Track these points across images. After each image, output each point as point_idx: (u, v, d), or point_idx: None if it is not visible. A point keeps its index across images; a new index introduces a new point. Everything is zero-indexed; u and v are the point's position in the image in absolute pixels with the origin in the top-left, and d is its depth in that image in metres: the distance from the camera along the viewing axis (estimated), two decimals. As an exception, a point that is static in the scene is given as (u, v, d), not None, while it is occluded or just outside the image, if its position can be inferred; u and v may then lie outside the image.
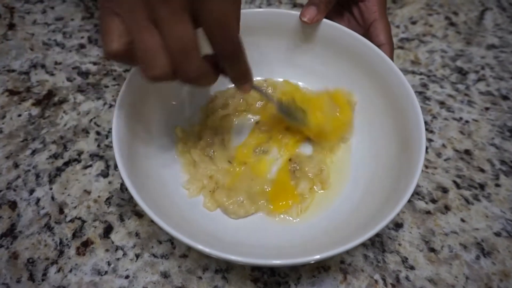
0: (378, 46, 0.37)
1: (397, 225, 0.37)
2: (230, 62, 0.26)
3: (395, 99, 0.35)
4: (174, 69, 0.23)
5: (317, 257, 0.26)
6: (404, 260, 0.35)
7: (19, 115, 0.42)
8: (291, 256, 0.27)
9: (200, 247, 0.26)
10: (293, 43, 0.41)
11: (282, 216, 0.35)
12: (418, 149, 0.31)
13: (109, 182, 0.38)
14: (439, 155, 0.42)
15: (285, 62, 0.42)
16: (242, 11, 0.26)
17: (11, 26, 0.51)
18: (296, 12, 0.38)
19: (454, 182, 0.40)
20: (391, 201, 0.30)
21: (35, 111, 0.43)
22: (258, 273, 0.33)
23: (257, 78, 0.43)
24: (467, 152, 0.42)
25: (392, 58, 0.36)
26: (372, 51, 0.36)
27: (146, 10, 0.22)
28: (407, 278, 0.34)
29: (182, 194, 0.36)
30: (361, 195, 0.35)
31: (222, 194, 0.34)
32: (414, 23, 0.54)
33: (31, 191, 0.37)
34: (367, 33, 0.38)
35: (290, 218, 0.35)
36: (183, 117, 0.40)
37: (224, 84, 0.41)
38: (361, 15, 0.40)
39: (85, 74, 0.46)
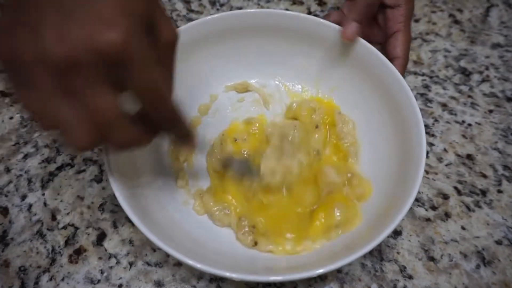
0: (393, 57, 0.37)
1: (396, 232, 0.36)
2: (168, 127, 0.25)
3: (394, 103, 0.34)
4: (101, 139, 0.21)
5: (319, 271, 0.26)
6: (403, 269, 0.34)
7: (11, 118, 0.42)
8: (287, 271, 0.26)
9: (191, 262, 0.25)
10: (288, 43, 0.39)
11: None
12: (418, 159, 0.30)
13: (103, 188, 0.38)
14: (440, 160, 0.41)
15: (281, 62, 0.41)
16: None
17: (3, 24, 0.49)
18: (292, 13, 0.37)
19: (455, 188, 0.39)
20: (391, 210, 0.29)
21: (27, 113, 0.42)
22: (253, 282, 0.33)
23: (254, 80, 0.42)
24: (469, 156, 0.41)
25: (403, 72, 0.36)
26: (373, 55, 0.35)
27: (61, 83, 0.19)
28: (405, 287, 0.33)
29: (176, 200, 0.35)
30: (359, 205, 0.34)
31: (210, 200, 0.34)
32: (417, 21, 0.52)
33: (23, 197, 0.37)
34: (386, 42, 0.37)
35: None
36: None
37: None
38: (385, 21, 0.39)
39: (78, 75, 0.45)
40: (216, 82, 0.41)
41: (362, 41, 0.36)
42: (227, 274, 0.25)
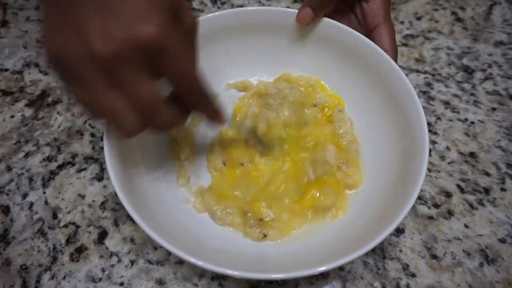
0: None
1: (398, 230, 0.36)
2: (200, 107, 0.27)
3: (396, 101, 0.34)
4: (146, 123, 0.24)
5: (320, 269, 0.25)
6: (405, 267, 0.34)
7: (12, 116, 0.42)
8: (289, 269, 0.26)
9: (192, 260, 0.25)
10: (290, 41, 0.39)
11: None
12: (421, 156, 0.30)
13: (104, 186, 0.37)
14: (443, 158, 0.40)
15: (283, 61, 0.41)
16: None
17: (4, 23, 0.49)
18: (293, 11, 0.37)
19: (458, 186, 0.38)
20: (393, 209, 0.29)
21: (28, 112, 0.42)
22: (255, 280, 0.33)
23: (254, 78, 0.42)
24: (472, 154, 0.40)
25: (395, 59, 0.35)
26: (375, 52, 0.35)
27: (107, 76, 0.21)
28: (407, 286, 0.33)
29: (177, 198, 0.35)
30: (361, 202, 0.34)
31: (211, 198, 0.34)
32: (419, 18, 0.52)
33: (24, 195, 0.37)
34: (369, 37, 0.36)
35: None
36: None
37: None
38: (363, 16, 0.38)
39: (79, 73, 0.45)
40: (217, 80, 0.41)
41: (364, 39, 0.35)
42: (229, 272, 0.25)
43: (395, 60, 0.35)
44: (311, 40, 0.38)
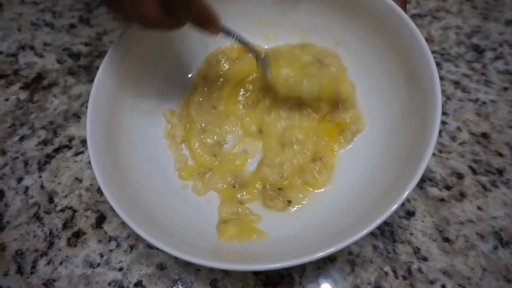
0: None
1: (409, 213, 0.34)
2: (186, 12, 0.25)
3: (407, 58, 0.32)
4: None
5: (320, 254, 0.24)
6: (416, 250, 0.32)
7: (7, 100, 0.40)
8: (289, 256, 0.24)
9: (186, 257, 0.24)
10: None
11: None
12: (431, 121, 0.27)
13: (102, 170, 0.36)
14: (453, 138, 0.39)
15: (283, 22, 0.39)
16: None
17: (-2, 6, 0.48)
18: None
19: (470, 167, 0.37)
20: (400, 183, 0.27)
21: (23, 95, 0.41)
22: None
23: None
24: (484, 135, 0.39)
25: (405, 10, 0.32)
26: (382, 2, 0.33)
27: None
28: (419, 270, 0.32)
29: (173, 185, 0.33)
30: (365, 177, 0.32)
31: (215, 177, 0.33)
32: (426, -2, 0.50)
33: (19, 179, 0.35)
34: None
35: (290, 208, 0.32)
36: (170, 101, 0.37)
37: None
38: None
39: (76, 56, 0.44)
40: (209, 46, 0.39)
41: None
42: (231, 266, 0.23)
43: (404, 10, 0.33)
44: None
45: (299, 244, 0.28)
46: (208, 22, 0.26)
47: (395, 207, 0.25)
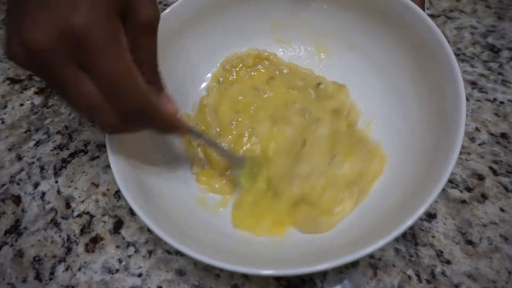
0: None
1: (430, 215, 0.34)
2: (138, 119, 0.23)
3: (426, 59, 0.31)
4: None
5: (345, 259, 0.23)
6: (439, 253, 0.32)
7: (21, 105, 0.40)
8: (313, 261, 0.24)
9: (210, 261, 0.23)
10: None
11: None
12: (455, 129, 0.27)
13: (118, 174, 0.36)
14: (472, 139, 0.38)
15: (297, 24, 0.39)
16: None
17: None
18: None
19: (491, 168, 0.36)
20: (423, 189, 0.27)
21: (38, 100, 0.40)
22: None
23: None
24: (503, 135, 0.38)
25: (423, 7, 0.32)
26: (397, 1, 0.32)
27: (40, 67, 0.19)
28: (443, 273, 0.31)
29: (191, 189, 0.33)
30: (388, 184, 0.32)
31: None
32: (439, -2, 0.50)
33: (36, 185, 0.35)
34: None
35: None
36: (186, 105, 0.37)
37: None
38: None
39: (89, 60, 0.44)
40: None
41: None
42: (257, 271, 0.23)
43: (423, 8, 0.32)
44: None
45: (323, 248, 0.28)
46: (171, 130, 0.25)
47: (421, 210, 0.25)
